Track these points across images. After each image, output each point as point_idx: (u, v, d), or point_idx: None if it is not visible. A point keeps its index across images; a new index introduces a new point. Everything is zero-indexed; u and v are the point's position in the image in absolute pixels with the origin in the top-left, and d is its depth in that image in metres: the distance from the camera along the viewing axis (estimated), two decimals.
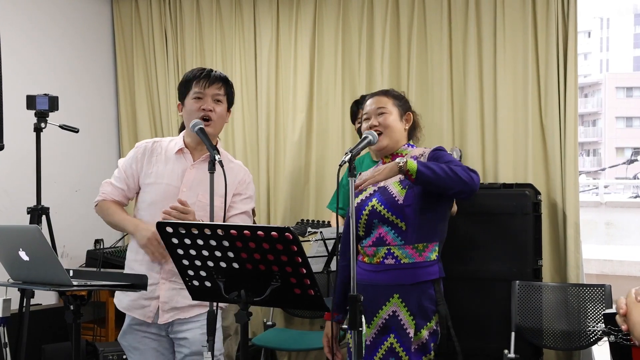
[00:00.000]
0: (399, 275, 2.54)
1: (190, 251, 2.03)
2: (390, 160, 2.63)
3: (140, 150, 2.75)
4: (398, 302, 2.54)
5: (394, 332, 2.54)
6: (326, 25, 4.81)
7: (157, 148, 2.75)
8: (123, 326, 2.76)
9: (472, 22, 4.40)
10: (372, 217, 2.59)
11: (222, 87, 2.68)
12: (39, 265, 2.21)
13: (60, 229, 4.23)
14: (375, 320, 2.58)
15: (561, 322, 3.75)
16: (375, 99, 2.71)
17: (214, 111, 2.63)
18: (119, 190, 2.74)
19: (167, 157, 2.71)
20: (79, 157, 5.01)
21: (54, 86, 4.54)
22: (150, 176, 2.69)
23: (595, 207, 12.55)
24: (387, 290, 2.55)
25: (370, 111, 2.68)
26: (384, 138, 2.63)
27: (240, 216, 2.67)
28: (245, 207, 2.70)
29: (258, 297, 2.00)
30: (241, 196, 2.69)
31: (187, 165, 2.68)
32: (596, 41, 41.79)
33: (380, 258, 2.57)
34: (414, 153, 2.64)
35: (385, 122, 2.64)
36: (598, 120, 37.87)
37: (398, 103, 2.70)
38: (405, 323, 2.53)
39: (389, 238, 2.56)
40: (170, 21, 5.26)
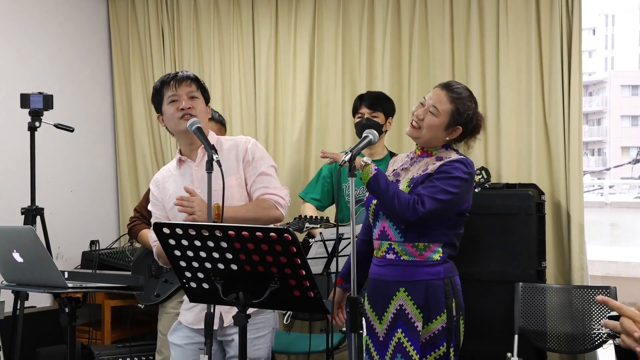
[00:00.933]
0: (400, 271, 2.57)
1: (188, 252, 2.03)
2: (420, 153, 2.67)
3: (154, 185, 2.80)
4: (404, 295, 2.55)
5: (401, 326, 2.55)
6: (326, 22, 4.81)
7: (165, 174, 2.80)
8: (174, 324, 2.75)
9: (475, 19, 4.40)
10: (379, 209, 2.63)
11: (193, 84, 2.68)
12: (34, 266, 2.21)
13: (55, 230, 4.23)
14: (386, 315, 2.59)
15: (565, 325, 3.75)
16: (440, 95, 2.61)
17: (193, 107, 2.63)
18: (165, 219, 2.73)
19: (175, 175, 2.74)
20: (74, 157, 5.01)
21: (49, 84, 4.53)
22: (169, 201, 2.70)
23: (600, 207, 12.57)
24: (393, 285, 2.57)
25: (427, 101, 2.62)
26: (417, 132, 2.61)
27: (257, 180, 2.66)
28: (257, 169, 2.68)
29: (257, 299, 2.00)
30: (249, 163, 2.68)
31: (191, 169, 2.70)
32: (601, 38, 41.80)
33: (383, 252, 2.61)
34: (441, 154, 2.62)
35: (427, 123, 2.59)
36: (603, 119, 37.89)
37: (454, 113, 2.59)
38: (413, 317, 2.53)
39: (391, 233, 2.60)
40: (167, 18, 5.25)
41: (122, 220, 5.32)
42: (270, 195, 2.66)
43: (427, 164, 2.63)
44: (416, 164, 2.66)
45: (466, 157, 2.63)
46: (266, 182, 2.69)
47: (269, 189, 2.68)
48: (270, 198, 2.66)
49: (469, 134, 2.67)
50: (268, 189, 2.67)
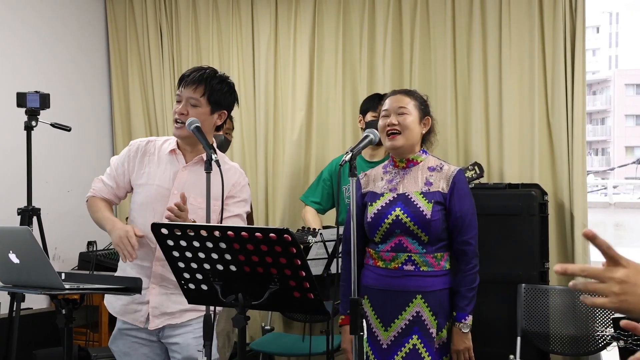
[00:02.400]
0: (420, 281, 2.64)
1: (186, 253, 2.03)
2: (405, 165, 2.73)
3: (133, 149, 2.76)
4: (421, 302, 2.63)
5: (417, 333, 2.62)
6: (326, 20, 4.81)
7: (150, 148, 2.75)
8: (113, 331, 2.77)
9: (477, 17, 4.40)
10: (394, 227, 2.65)
11: (200, 88, 2.62)
12: (30, 268, 2.21)
13: (51, 230, 4.23)
14: (396, 322, 2.64)
15: (569, 327, 3.75)
16: (397, 97, 2.75)
17: (187, 114, 2.61)
18: (108, 188, 2.77)
19: (160, 158, 2.71)
20: (71, 157, 5.01)
21: (46, 83, 4.54)
22: (142, 177, 2.70)
23: (604, 208, 12.58)
24: (409, 294, 2.64)
25: (390, 109, 2.72)
26: (400, 138, 2.69)
27: (232, 219, 2.66)
28: (238, 210, 2.69)
29: (256, 300, 2.00)
30: (234, 199, 2.67)
31: (179, 166, 2.68)
32: (605, 37, 41.79)
33: (399, 264, 2.65)
34: (430, 163, 2.73)
35: (404, 123, 2.69)
36: (607, 118, 37.87)
37: (419, 106, 2.75)
38: (429, 323, 2.62)
39: (410, 245, 2.65)
40: (165, 16, 5.26)
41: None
42: None
43: (421, 173, 2.71)
44: (407, 176, 2.72)
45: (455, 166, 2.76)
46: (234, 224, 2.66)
47: None
48: None
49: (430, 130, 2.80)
50: None
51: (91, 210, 2.77)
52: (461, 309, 2.63)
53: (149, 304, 2.63)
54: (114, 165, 2.78)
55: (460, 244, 2.67)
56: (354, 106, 4.71)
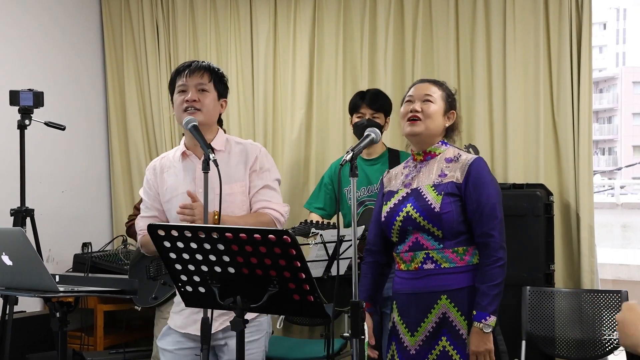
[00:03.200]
0: (442, 280, 2.55)
1: (183, 255, 2.03)
2: (422, 158, 2.67)
3: (150, 172, 2.79)
4: (447, 302, 2.55)
5: (445, 334, 2.54)
6: (326, 16, 4.81)
7: (165, 163, 2.78)
8: (163, 328, 2.75)
9: (481, 13, 4.40)
10: (406, 224, 2.60)
11: (206, 75, 2.66)
12: (23, 270, 2.21)
13: (45, 231, 4.23)
14: (423, 326, 2.58)
15: (575, 330, 3.75)
16: (424, 85, 2.70)
17: (199, 101, 2.62)
18: (152, 220, 2.72)
19: (176, 167, 2.74)
20: (66, 156, 5.01)
21: (39, 81, 4.53)
22: (166, 193, 2.71)
23: (610, 208, 12.58)
24: (434, 295, 2.56)
25: (415, 95, 2.67)
26: (420, 124, 2.62)
27: (260, 192, 2.66)
28: (264, 181, 2.69)
29: (255, 303, 2.00)
30: (256, 172, 2.68)
31: (195, 165, 2.69)
32: (612, 33, 41.80)
33: (419, 263, 2.58)
34: (447, 154, 2.66)
35: (427, 110, 2.63)
36: (614, 117, 37.89)
37: (446, 98, 2.69)
38: (457, 324, 2.54)
39: (426, 242, 2.58)
40: (161, 13, 5.26)
41: (115, 222, 5.32)
42: (270, 210, 2.67)
43: (438, 165, 2.64)
44: (424, 169, 2.67)
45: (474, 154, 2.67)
46: (269, 196, 2.69)
47: (271, 204, 2.68)
48: (270, 213, 2.67)
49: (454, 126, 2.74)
50: (270, 203, 2.68)
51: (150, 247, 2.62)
52: (482, 307, 2.48)
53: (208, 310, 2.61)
54: (145, 196, 2.79)
55: (481, 237, 2.55)
56: None
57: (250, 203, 2.67)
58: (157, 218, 2.75)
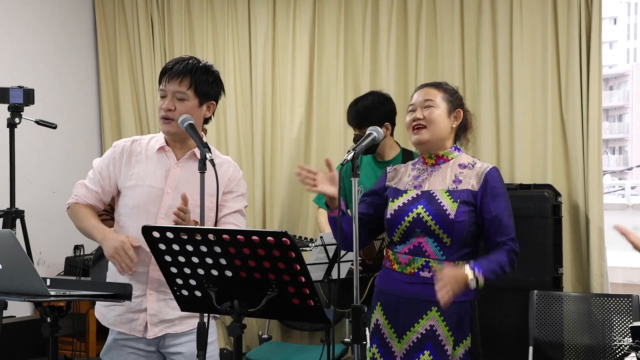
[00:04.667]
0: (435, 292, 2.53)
1: (179, 258, 2.03)
2: (434, 162, 2.68)
3: (118, 150, 2.74)
4: (436, 315, 2.55)
5: (429, 348, 2.54)
6: (327, 11, 4.82)
7: (136, 147, 2.74)
8: (107, 341, 2.75)
9: (487, 7, 4.40)
10: (414, 226, 2.59)
11: (185, 81, 2.62)
12: (13, 273, 2.21)
13: (36, 233, 4.24)
14: (409, 334, 2.58)
15: (584, 336, 3.75)
16: (423, 90, 2.72)
17: (175, 109, 2.61)
18: (92, 193, 2.73)
19: (148, 157, 2.71)
20: (57, 156, 5.01)
21: (30, 78, 4.54)
22: (130, 178, 2.68)
23: (621, 210, 12.55)
24: (424, 304, 2.56)
25: (416, 102, 2.69)
26: (425, 132, 2.64)
27: (233, 215, 2.67)
28: (238, 205, 2.71)
29: (253, 307, 2.00)
30: (232, 194, 2.69)
31: (170, 164, 2.68)
32: (623, 28, 41.77)
33: (416, 269, 2.58)
34: (461, 160, 2.67)
35: (430, 117, 2.64)
36: (624, 115, 37.86)
37: (448, 98, 2.70)
38: (444, 339, 2.54)
39: (430, 250, 2.57)
40: (156, 7, 5.26)
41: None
42: None
43: (451, 170, 2.65)
44: (436, 172, 2.67)
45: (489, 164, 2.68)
46: (239, 222, 2.69)
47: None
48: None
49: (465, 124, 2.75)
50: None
51: (75, 218, 2.73)
52: (480, 264, 2.46)
53: (147, 311, 2.62)
54: (98, 168, 2.75)
55: (496, 246, 2.56)
56: None
57: (217, 222, 2.61)
58: (98, 195, 2.72)
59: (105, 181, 2.72)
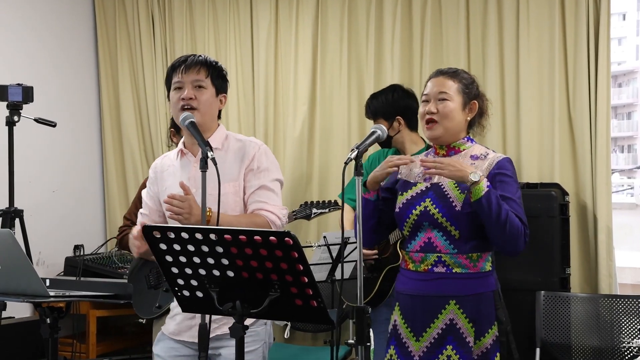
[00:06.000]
0: (452, 285, 2.54)
1: (180, 258, 2.04)
2: (445, 153, 2.66)
3: (152, 172, 2.81)
4: (455, 308, 2.54)
5: (451, 342, 2.53)
6: (330, 8, 4.81)
7: (166, 162, 2.80)
8: (158, 334, 2.75)
9: (493, 3, 4.40)
10: (422, 219, 2.58)
11: (203, 70, 2.66)
12: (12, 273, 2.22)
13: (35, 233, 4.24)
14: (428, 331, 2.57)
15: (592, 338, 3.75)
16: (439, 80, 2.65)
17: (196, 98, 2.63)
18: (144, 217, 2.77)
19: (175, 167, 2.75)
20: (57, 154, 5.02)
21: (29, 75, 4.55)
22: (164, 193, 2.69)
23: (630, 209, 12.53)
24: (442, 299, 2.55)
25: (430, 93, 2.63)
26: (438, 127, 2.61)
27: (256, 192, 2.64)
28: (261, 180, 2.67)
29: (255, 308, 2.00)
30: (253, 171, 2.67)
31: (191, 164, 2.70)
32: (632, 24, 41.67)
33: (429, 265, 2.57)
34: (474, 152, 2.64)
35: (444, 111, 2.60)
36: (633, 113, 37.78)
37: (464, 89, 2.65)
38: (465, 332, 2.53)
39: (440, 244, 2.56)
40: (157, 4, 5.26)
41: (108, 223, 5.33)
42: (266, 212, 2.63)
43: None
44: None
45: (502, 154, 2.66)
46: (265, 197, 2.66)
47: (267, 205, 2.65)
48: (266, 215, 2.62)
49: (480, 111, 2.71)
50: (266, 204, 2.65)
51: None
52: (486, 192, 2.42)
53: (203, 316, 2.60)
54: (146, 198, 2.81)
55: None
56: (360, 100, 4.71)
57: (246, 204, 2.66)
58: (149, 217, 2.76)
59: (155, 203, 2.76)
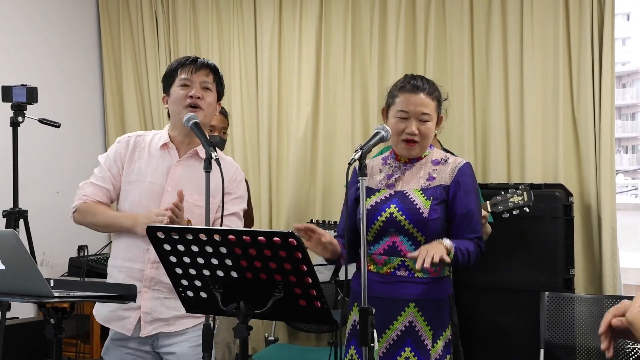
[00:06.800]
0: (413, 289, 2.60)
1: (184, 259, 2.04)
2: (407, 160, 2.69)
3: (123, 145, 2.76)
4: (414, 311, 2.59)
5: (410, 345, 2.57)
6: (334, 8, 4.82)
7: (140, 142, 2.76)
8: (106, 341, 2.77)
9: (496, 3, 4.39)
10: (387, 225, 2.61)
11: (211, 74, 2.70)
12: (16, 274, 2.22)
13: (39, 234, 4.25)
14: (388, 333, 2.61)
15: (596, 339, 3.73)
16: (419, 99, 2.61)
17: (203, 99, 2.64)
18: (103, 191, 2.73)
19: (151, 153, 2.73)
20: (61, 155, 5.03)
21: (33, 76, 4.56)
22: (132, 173, 2.70)
23: (634, 210, 12.49)
24: (402, 302, 2.60)
25: (411, 112, 2.61)
26: (417, 148, 2.64)
27: (228, 217, 2.68)
28: (235, 207, 2.72)
29: (259, 309, 2.00)
30: (230, 196, 2.69)
31: (172, 162, 2.69)
32: (636, 24, 41.60)
33: (392, 269, 2.61)
34: (434, 156, 2.69)
35: (425, 132, 2.62)
36: (637, 113, 37.70)
37: (438, 107, 2.68)
38: (423, 334, 2.58)
39: (405, 249, 2.60)
40: (161, 5, 5.27)
41: None
42: None
43: (425, 169, 2.66)
44: (409, 171, 2.68)
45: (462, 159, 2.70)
46: (233, 224, 2.71)
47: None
48: None
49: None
50: None
51: (90, 216, 2.70)
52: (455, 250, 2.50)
53: (141, 309, 2.63)
54: (106, 165, 2.75)
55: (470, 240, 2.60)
56: (364, 100, 4.72)
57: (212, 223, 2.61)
58: (109, 193, 2.72)
59: (115, 178, 2.73)
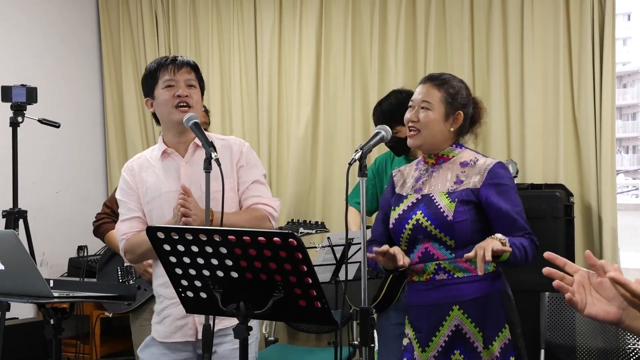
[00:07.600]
0: (455, 290, 2.50)
1: (184, 259, 2.04)
2: (434, 162, 2.62)
3: (128, 173, 2.75)
4: (459, 314, 2.50)
5: (459, 347, 2.50)
6: (334, 7, 4.82)
7: (142, 163, 2.76)
8: (146, 339, 2.73)
9: (497, 3, 4.39)
10: (416, 233, 2.54)
11: (192, 71, 2.69)
12: (16, 274, 2.22)
13: (39, 234, 4.25)
14: (435, 340, 2.53)
15: (597, 339, 3.74)
16: (425, 88, 2.60)
17: (191, 97, 2.64)
18: (136, 220, 2.70)
19: (155, 167, 2.73)
20: (61, 155, 5.03)
21: (33, 76, 4.55)
22: (147, 193, 2.69)
23: (635, 210, 12.51)
24: (445, 306, 2.51)
25: (415, 100, 2.61)
26: (418, 138, 2.58)
27: (251, 187, 2.68)
28: (253, 175, 2.71)
29: (259, 309, 2.00)
30: (244, 167, 2.71)
31: (178, 164, 2.69)
32: (637, 24, 41.60)
33: (430, 274, 2.54)
34: (463, 158, 2.60)
35: (424, 121, 2.56)
36: (638, 113, 37.71)
37: (447, 99, 2.58)
38: (472, 336, 2.49)
39: (437, 252, 2.53)
40: (161, 5, 5.27)
41: None
42: (263, 205, 2.68)
43: (452, 171, 2.59)
44: (436, 173, 2.61)
45: (493, 159, 2.61)
46: (259, 192, 2.70)
47: (262, 199, 2.69)
48: (263, 209, 2.67)
49: (471, 119, 2.66)
50: (261, 198, 2.69)
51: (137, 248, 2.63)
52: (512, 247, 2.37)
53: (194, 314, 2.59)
54: (125, 197, 2.72)
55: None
56: (364, 100, 4.72)
57: (240, 199, 2.68)
58: (141, 219, 2.71)
59: (138, 204, 2.71)
